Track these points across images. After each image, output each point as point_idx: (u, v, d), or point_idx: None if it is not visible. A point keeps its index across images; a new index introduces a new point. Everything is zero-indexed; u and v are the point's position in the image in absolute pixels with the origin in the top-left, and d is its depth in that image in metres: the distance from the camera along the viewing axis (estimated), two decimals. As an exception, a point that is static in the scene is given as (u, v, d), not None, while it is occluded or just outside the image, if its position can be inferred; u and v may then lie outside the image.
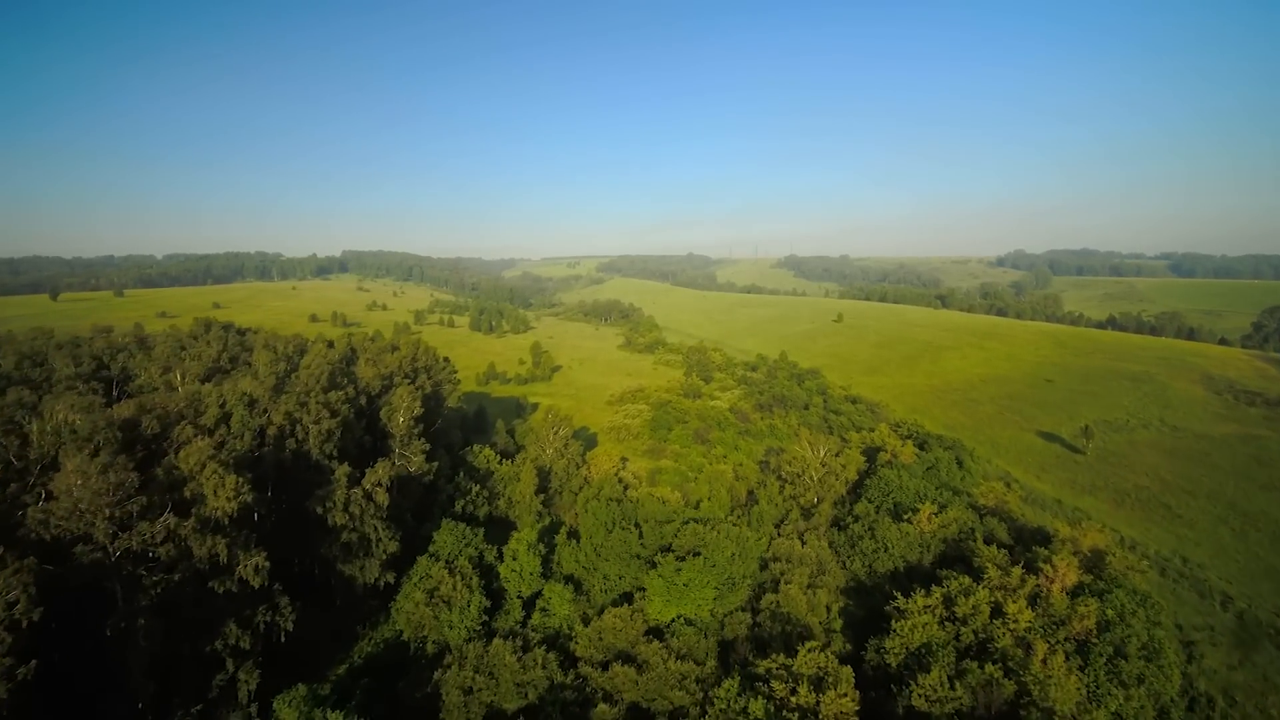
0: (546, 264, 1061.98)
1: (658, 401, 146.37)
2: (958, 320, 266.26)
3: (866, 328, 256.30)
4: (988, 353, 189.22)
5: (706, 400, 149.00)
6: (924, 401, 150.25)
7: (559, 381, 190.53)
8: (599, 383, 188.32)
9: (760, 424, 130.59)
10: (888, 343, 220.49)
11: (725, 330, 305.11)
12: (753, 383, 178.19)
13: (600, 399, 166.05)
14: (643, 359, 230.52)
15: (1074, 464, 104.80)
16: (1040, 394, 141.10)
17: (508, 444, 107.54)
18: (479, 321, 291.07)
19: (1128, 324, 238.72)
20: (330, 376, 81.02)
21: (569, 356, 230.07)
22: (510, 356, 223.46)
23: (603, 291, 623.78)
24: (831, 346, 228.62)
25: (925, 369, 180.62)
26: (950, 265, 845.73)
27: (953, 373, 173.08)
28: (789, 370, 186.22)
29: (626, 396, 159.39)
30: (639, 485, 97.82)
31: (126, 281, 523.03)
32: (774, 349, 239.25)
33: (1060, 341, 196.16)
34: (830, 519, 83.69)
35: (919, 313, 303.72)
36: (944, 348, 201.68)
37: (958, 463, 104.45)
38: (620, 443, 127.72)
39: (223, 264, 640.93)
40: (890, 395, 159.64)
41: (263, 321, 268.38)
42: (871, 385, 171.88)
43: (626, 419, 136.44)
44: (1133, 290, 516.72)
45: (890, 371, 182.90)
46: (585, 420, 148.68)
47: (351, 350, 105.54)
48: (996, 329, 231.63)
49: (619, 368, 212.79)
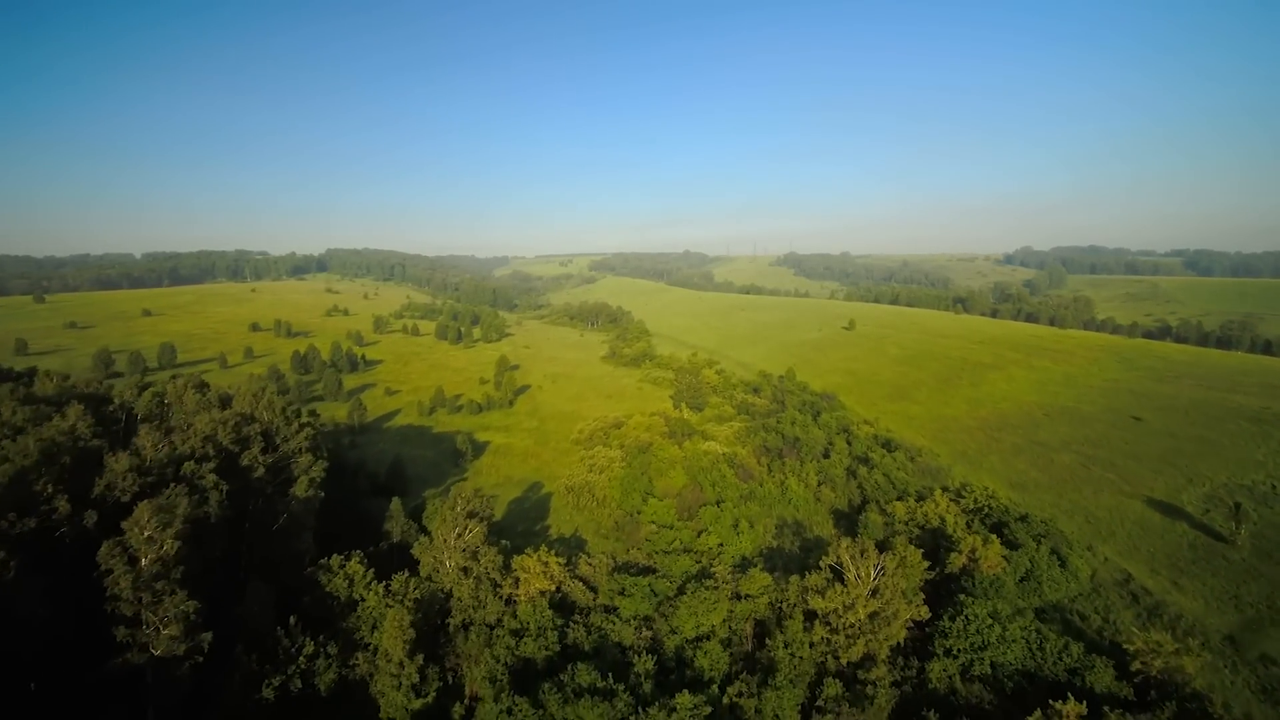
0: (540, 262, 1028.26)
1: (635, 445, 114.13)
2: (988, 329, 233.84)
3: (884, 337, 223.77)
4: (1039, 373, 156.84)
5: (697, 442, 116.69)
6: (975, 443, 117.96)
7: (523, 408, 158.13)
8: (570, 410, 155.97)
9: (769, 484, 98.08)
10: (913, 358, 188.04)
11: (722, 337, 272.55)
12: (755, 411, 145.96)
13: (568, 434, 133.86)
14: (627, 375, 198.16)
15: (1223, 561, 72.81)
16: (1131, 438, 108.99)
17: (407, 533, 74.70)
18: (445, 329, 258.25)
19: (1188, 334, 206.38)
20: (54, 462, 48.25)
21: (543, 372, 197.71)
22: (471, 374, 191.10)
23: (593, 292, 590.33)
24: (846, 361, 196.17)
25: (965, 394, 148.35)
26: (956, 263, 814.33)
27: (1002, 400, 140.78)
28: (799, 395, 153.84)
29: (599, 434, 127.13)
30: (592, 603, 65.51)
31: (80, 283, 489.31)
32: (778, 362, 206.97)
33: (1126, 359, 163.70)
34: (892, 701, 51.40)
35: (940, 319, 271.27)
36: (983, 365, 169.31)
37: (1059, 560, 72.38)
38: (580, 511, 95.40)
39: (192, 263, 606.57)
40: (929, 432, 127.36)
41: (196, 330, 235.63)
42: (901, 416, 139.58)
43: (592, 473, 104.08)
44: (1156, 290, 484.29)
45: (922, 397, 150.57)
46: (542, 468, 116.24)
47: (162, 405, 72.19)
48: (1038, 340, 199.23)
49: (598, 387, 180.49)
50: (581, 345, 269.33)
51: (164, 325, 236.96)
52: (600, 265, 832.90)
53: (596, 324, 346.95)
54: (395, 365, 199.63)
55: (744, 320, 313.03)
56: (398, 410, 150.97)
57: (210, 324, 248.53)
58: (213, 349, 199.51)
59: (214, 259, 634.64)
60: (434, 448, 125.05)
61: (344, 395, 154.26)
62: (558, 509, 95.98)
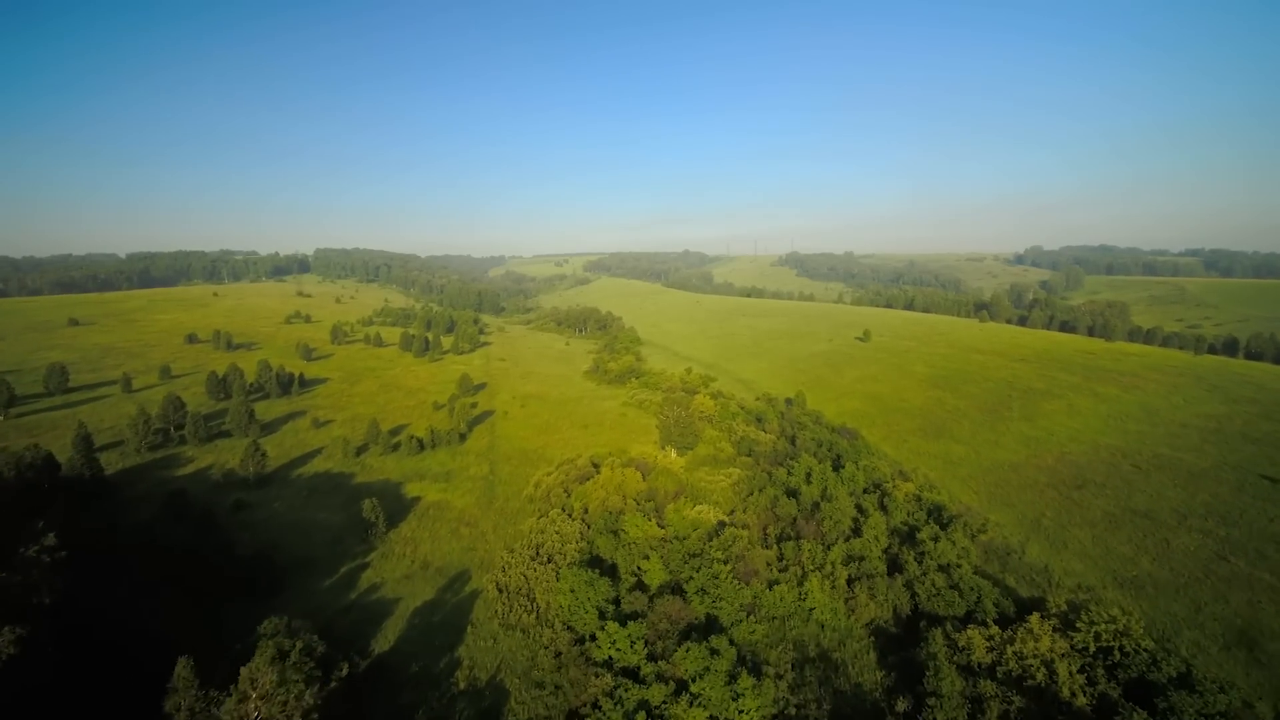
0: (537, 262, 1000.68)
1: (601, 513, 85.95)
2: (1024, 341, 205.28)
3: (906, 351, 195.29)
4: (1108, 403, 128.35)
5: (684, 508, 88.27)
6: (1048, 508, 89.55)
7: (477, 444, 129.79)
8: (534, 447, 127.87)
9: (783, 590, 69.16)
10: (945, 379, 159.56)
11: (721, 347, 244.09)
12: (760, 451, 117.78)
13: (523, 486, 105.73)
14: (610, 396, 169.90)
15: None
16: (1275, 511, 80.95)
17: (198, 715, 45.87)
18: (411, 340, 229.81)
19: (1262, 348, 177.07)
20: None
21: (513, 392, 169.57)
22: (427, 396, 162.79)
23: (587, 293, 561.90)
24: (865, 381, 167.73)
25: (1018, 431, 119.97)
26: (965, 263, 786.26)
27: (1069, 441, 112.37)
28: (813, 430, 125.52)
29: (558, 491, 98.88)
30: None
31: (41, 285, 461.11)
32: (784, 380, 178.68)
33: (1215, 386, 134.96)
34: None
35: (965, 328, 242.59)
36: (1033, 391, 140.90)
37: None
38: (510, 632, 66.84)
39: (167, 264, 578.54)
40: (983, 487, 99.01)
41: (121, 343, 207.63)
42: (942, 460, 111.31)
43: (537, 562, 75.59)
44: (1183, 293, 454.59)
45: (964, 433, 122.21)
46: (477, 543, 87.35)
47: None
48: (1090, 358, 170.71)
49: (574, 413, 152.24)
50: (564, 357, 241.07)
51: (86, 338, 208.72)
52: (596, 266, 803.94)
53: (585, 330, 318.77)
54: (340, 385, 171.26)
55: (745, 328, 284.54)
56: (319, 449, 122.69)
57: (144, 335, 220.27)
58: (128, 366, 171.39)
59: (190, 260, 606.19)
60: (345, 510, 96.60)
61: (256, 429, 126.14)
62: (480, 624, 67.52)
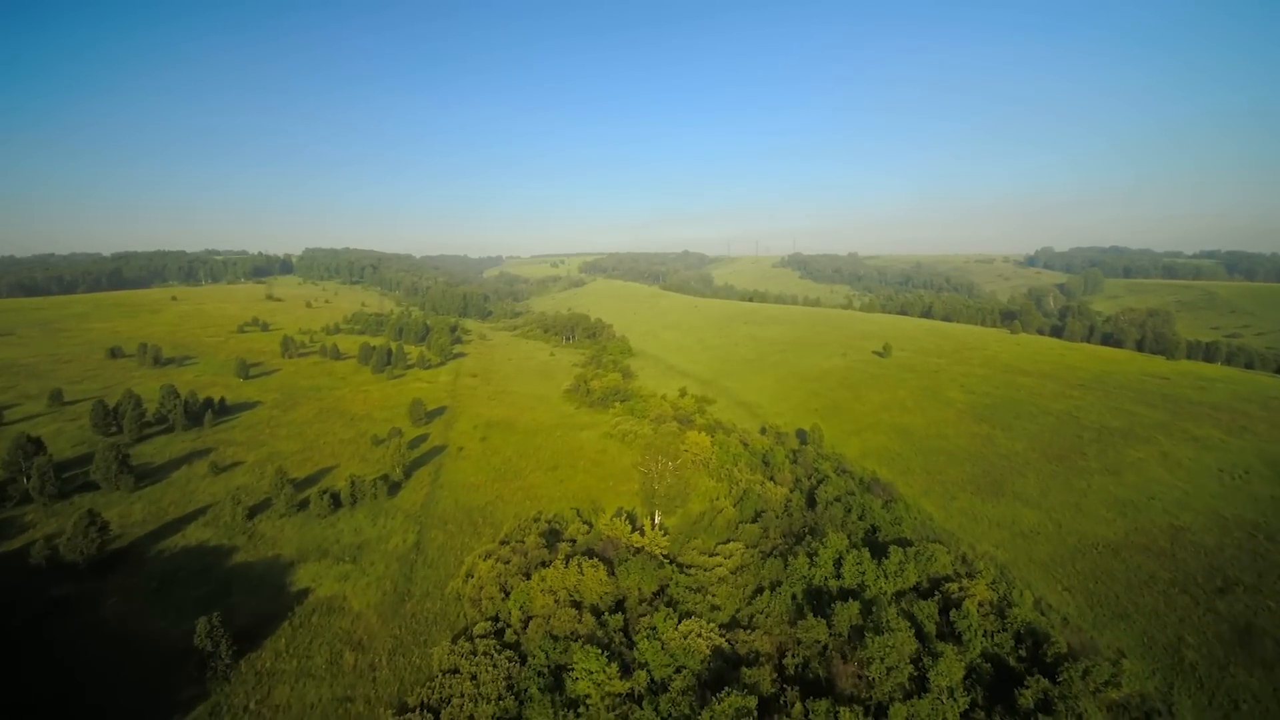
0: (534, 262, 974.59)
1: (542, 639, 59.04)
2: (1073, 360, 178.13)
3: (936, 371, 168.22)
4: (1214, 452, 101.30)
5: (666, 627, 61.45)
6: (1178, 617, 62.72)
7: (411, 498, 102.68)
8: (484, 501, 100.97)
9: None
10: (990, 410, 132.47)
11: (721, 361, 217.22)
12: (768, 516, 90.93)
13: (454, 567, 78.89)
14: (590, 423, 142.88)
15: None
16: None
17: None
18: (370, 352, 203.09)
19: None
20: None
21: (476, 419, 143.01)
22: (370, 426, 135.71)
23: (580, 296, 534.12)
24: (891, 408, 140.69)
25: (1103, 488, 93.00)
26: (975, 265, 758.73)
27: (1177, 508, 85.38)
28: (836, 483, 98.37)
29: (492, 587, 71.92)
30: None
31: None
32: (794, 404, 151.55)
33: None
34: None
35: (997, 341, 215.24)
36: (1109, 431, 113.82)
37: None
38: None
39: (141, 265, 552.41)
40: (1073, 576, 72.07)
41: (28, 358, 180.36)
42: (1009, 531, 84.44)
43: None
44: (1213, 298, 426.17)
45: (1032, 492, 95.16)
46: (356, 685, 59.39)
47: None
48: (1167, 385, 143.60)
49: (543, 448, 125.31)
50: (546, 370, 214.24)
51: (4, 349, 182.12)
52: (592, 267, 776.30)
53: (573, 338, 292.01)
54: (270, 412, 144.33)
55: (746, 337, 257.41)
56: (205, 508, 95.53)
57: (62, 348, 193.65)
58: (20, 389, 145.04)
59: (166, 260, 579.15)
60: (203, 610, 67.94)
61: (129, 480, 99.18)
62: None
